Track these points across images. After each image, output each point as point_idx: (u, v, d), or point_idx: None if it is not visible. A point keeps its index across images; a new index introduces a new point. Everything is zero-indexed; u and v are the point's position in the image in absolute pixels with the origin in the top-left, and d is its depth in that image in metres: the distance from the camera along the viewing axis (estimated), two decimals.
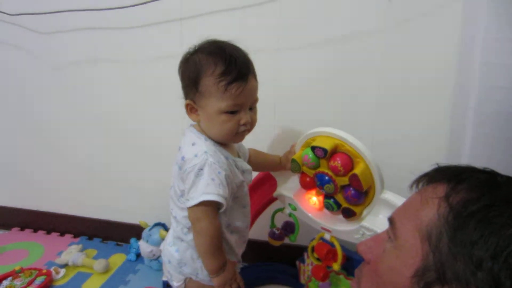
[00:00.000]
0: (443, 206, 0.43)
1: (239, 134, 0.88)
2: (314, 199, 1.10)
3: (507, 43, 0.99)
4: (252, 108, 0.88)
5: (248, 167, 0.96)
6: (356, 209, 0.99)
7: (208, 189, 0.81)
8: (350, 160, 0.94)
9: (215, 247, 0.86)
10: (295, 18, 1.22)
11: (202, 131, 0.90)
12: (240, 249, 1.00)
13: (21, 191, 1.76)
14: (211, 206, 0.84)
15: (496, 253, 0.38)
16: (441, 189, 0.45)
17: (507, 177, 0.46)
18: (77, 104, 1.56)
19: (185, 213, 0.89)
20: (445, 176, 0.47)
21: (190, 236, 0.91)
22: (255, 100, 0.89)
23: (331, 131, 0.96)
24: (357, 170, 0.91)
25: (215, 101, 0.83)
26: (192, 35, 1.29)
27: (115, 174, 1.61)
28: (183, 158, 0.86)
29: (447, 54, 1.13)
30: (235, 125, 0.85)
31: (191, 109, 0.88)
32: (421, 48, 1.15)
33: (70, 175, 1.67)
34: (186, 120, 1.41)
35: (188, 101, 0.87)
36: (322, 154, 0.95)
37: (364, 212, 0.99)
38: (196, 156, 0.84)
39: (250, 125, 0.88)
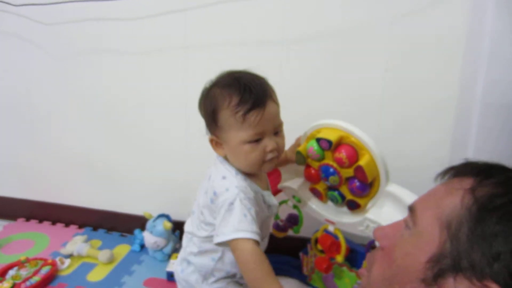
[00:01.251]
0: (468, 197, 0.44)
1: (267, 162, 0.85)
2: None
3: None
4: (278, 132, 0.85)
5: (275, 202, 0.95)
6: (360, 201, 0.99)
7: (241, 226, 0.78)
8: (355, 152, 0.94)
9: (264, 279, 0.78)
10: (301, 9, 1.22)
11: (233, 165, 0.87)
12: None
13: (26, 182, 1.77)
14: (247, 243, 0.79)
15: None
16: (467, 182, 0.46)
17: None
18: (82, 95, 1.56)
19: (203, 234, 0.89)
20: (473, 170, 0.47)
21: (197, 260, 0.91)
22: (279, 124, 0.86)
23: (336, 123, 0.96)
24: (362, 162, 0.91)
25: (235, 132, 0.81)
26: (196, 26, 1.32)
27: (120, 166, 1.61)
28: (215, 193, 0.84)
29: (453, 46, 1.12)
30: (261, 153, 0.83)
31: (216, 144, 0.87)
32: (427, 38, 1.14)
33: (75, 166, 1.67)
34: (190, 110, 1.42)
35: (211, 137, 0.87)
36: (327, 145, 0.95)
37: (369, 204, 0.99)
38: (227, 190, 0.82)
39: (277, 151, 0.85)
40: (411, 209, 0.50)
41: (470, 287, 0.40)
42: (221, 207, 0.81)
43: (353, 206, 1.02)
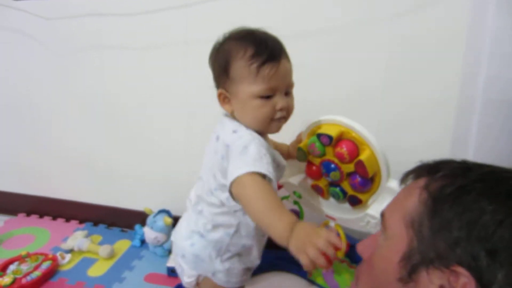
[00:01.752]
0: (423, 194, 0.47)
1: (275, 121, 0.82)
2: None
3: None
4: (288, 93, 0.83)
5: (284, 163, 0.91)
6: (362, 196, 0.99)
7: (257, 164, 0.73)
8: (355, 147, 0.94)
9: (273, 209, 0.70)
10: (301, 4, 1.21)
11: (241, 122, 0.84)
12: (261, 253, 0.97)
13: (27, 177, 1.78)
14: (260, 177, 0.72)
15: (469, 228, 0.41)
16: (422, 181, 0.49)
17: (478, 163, 0.49)
18: (83, 93, 1.56)
19: (215, 210, 0.85)
20: (425, 169, 0.50)
21: (212, 235, 0.87)
22: (291, 84, 0.83)
23: (337, 119, 0.96)
24: (362, 157, 0.91)
25: (248, 85, 0.78)
26: (196, 22, 1.32)
27: (121, 161, 1.61)
28: (227, 145, 0.79)
29: (454, 42, 1.12)
30: (271, 110, 0.80)
31: (224, 98, 0.83)
32: (428, 34, 1.14)
33: (76, 162, 1.67)
34: (192, 103, 1.42)
35: (220, 90, 0.83)
36: (328, 141, 0.95)
37: (370, 200, 0.99)
38: (241, 137, 0.79)
39: (286, 112, 0.82)
40: (382, 215, 0.53)
41: (442, 276, 0.42)
42: (234, 152, 0.76)
43: (355, 202, 1.01)
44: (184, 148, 1.49)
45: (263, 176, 0.73)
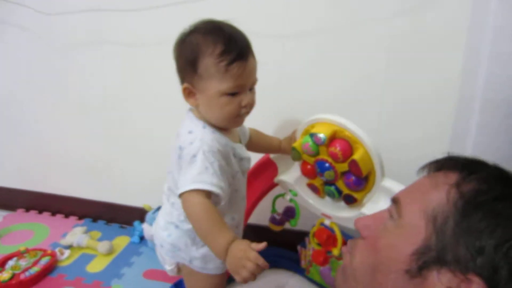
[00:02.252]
0: (453, 192, 0.45)
1: (239, 116, 0.84)
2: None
3: None
4: (252, 89, 0.85)
5: (247, 154, 0.93)
6: (357, 195, 0.99)
7: (201, 177, 0.77)
8: (349, 146, 0.94)
9: (211, 229, 0.77)
10: (301, 3, 1.21)
11: (201, 116, 0.86)
12: None
13: (26, 172, 1.78)
14: (203, 195, 0.78)
15: (499, 243, 0.40)
16: (452, 177, 0.47)
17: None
18: (81, 85, 1.56)
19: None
20: (457, 165, 0.48)
21: (186, 225, 0.88)
22: (255, 81, 0.85)
23: (329, 118, 0.96)
24: (356, 156, 0.91)
25: (216, 82, 0.79)
26: (196, 18, 1.31)
27: (120, 158, 1.62)
28: (180, 147, 0.82)
29: (455, 40, 1.12)
30: (237, 107, 0.82)
31: (189, 93, 0.84)
32: (429, 33, 1.14)
33: (75, 157, 1.68)
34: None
35: (186, 85, 0.82)
36: (321, 140, 0.95)
37: (365, 199, 0.99)
38: (191, 144, 0.80)
39: (250, 107, 0.84)
40: (396, 200, 0.51)
41: (453, 280, 0.42)
42: (184, 160, 0.80)
43: (350, 200, 1.02)
44: None
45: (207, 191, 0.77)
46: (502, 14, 0.98)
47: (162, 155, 1.53)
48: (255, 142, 1.04)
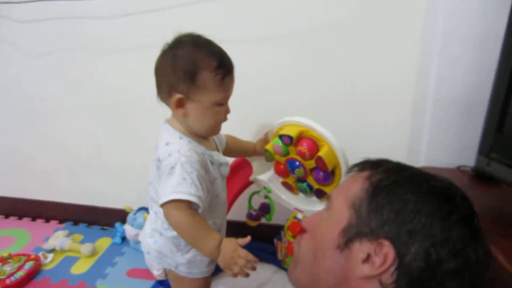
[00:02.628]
0: (366, 183, 0.59)
1: (220, 124, 0.92)
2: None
3: (466, 37, 1.07)
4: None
5: (225, 160, 0.97)
6: (326, 189, 1.08)
7: (179, 188, 0.81)
8: (314, 144, 1.03)
9: (197, 234, 0.84)
10: (270, 10, 1.27)
11: (179, 127, 0.89)
12: None
13: (4, 178, 1.79)
14: (183, 205, 0.82)
15: (396, 213, 0.53)
16: (366, 173, 0.61)
17: (408, 165, 0.62)
18: (61, 93, 1.58)
19: None
20: (369, 164, 0.62)
21: (170, 233, 0.92)
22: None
23: (295, 119, 1.05)
24: (321, 153, 1.01)
25: (211, 94, 0.85)
26: (175, 25, 1.35)
27: (99, 161, 1.65)
28: (159, 159, 0.86)
29: (411, 48, 1.22)
30: (223, 116, 0.89)
31: (179, 103, 0.86)
32: (386, 40, 1.23)
33: (54, 162, 1.70)
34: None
35: (179, 96, 0.85)
36: (289, 141, 1.04)
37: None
38: (169, 155, 0.84)
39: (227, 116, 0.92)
40: (328, 196, 0.66)
41: (370, 246, 0.54)
42: (164, 172, 0.84)
43: (320, 195, 1.11)
44: None
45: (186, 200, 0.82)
46: (451, 21, 1.08)
47: (141, 157, 1.57)
48: (232, 148, 1.09)
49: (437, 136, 1.18)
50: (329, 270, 0.59)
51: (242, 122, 1.14)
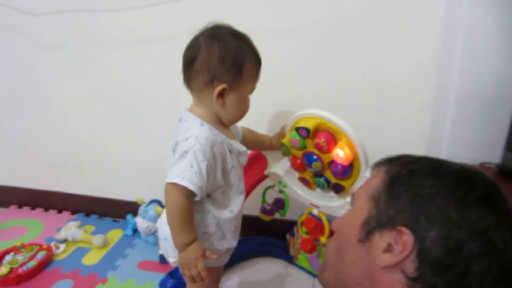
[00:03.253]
0: (384, 176, 0.59)
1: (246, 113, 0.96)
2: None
3: (490, 28, 1.04)
4: None
5: (244, 148, 0.98)
6: (344, 183, 1.05)
7: (185, 173, 0.83)
8: (332, 136, 1.00)
9: (179, 224, 0.86)
10: (280, 1, 1.25)
11: (201, 114, 0.90)
12: (237, 236, 1.02)
13: (18, 169, 1.80)
14: (183, 190, 0.84)
15: (413, 199, 0.53)
16: (385, 168, 0.61)
17: (431, 157, 0.61)
18: (72, 84, 1.58)
19: None
20: (389, 160, 0.62)
21: None
22: None
23: (312, 112, 1.03)
24: (339, 145, 0.98)
25: (250, 85, 0.91)
26: (182, 16, 1.35)
27: (112, 152, 1.64)
28: (177, 142, 0.88)
29: (430, 40, 1.17)
30: (249, 105, 0.95)
31: (220, 93, 0.88)
32: (404, 32, 1.19)
33: (67, 153, 1.70)
34: (180, 98, 1.45)
35: (224, 85, 0.87)
36: (306, 134, 1.02)
37: (351, 188, 1.05)
38: (186, 139, 0.86)
39: None
40: (352, 196, 0.65)
41: (390, 235, 0.54)
42: (177, 153, 0.86)
43: (339, 189, 1.07)
44: None
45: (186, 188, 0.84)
46: (475, 10, 1.04)
47: (154, 150, 1.57)
48: (248, 140, 1.08)
49: (459, 131, 1.14)
50: (353, 265, 0.58)
51: (255, 117, 1.11)
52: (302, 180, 1.15)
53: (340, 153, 0.99)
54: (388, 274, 0.53)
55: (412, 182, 0.55)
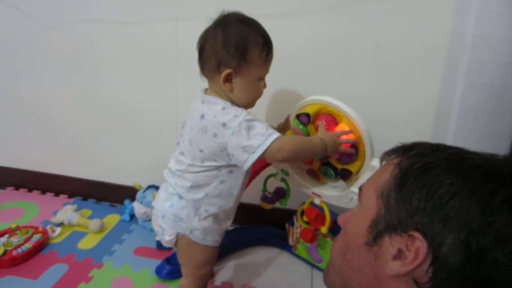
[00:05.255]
0: (396, 169, 0.52)
1: (258, 98, 0.97)
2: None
3: (500, 17, 1.00)
4: None
5: None
6: (351, 167, 1.02)
7: (269, 130, 0.88)
8: (333, 118, 0.99)
9: (308, 145, 0.93)
10: None
11: (223, 97, 0.93)
12: (232, 216, 1.05)
13: (16, 151, 1.77)
14: (281, 137, 0.89)
15: (427, 199, 0.47)
16: (397, 159, 0.54)
17: (449, 145, 0.54)
18: (69, 64, 1.55)
19: (197, 170, 0.93)
20: (401, 149, 0.55)
21: (191, 195, 0.95)
22: None
23: (311, 98, 1.02)
24: (340, 126, 0.96)
25: (258, 69, 0.92)
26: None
27: (111, 136, 1.62)
28: (224, 124, 0.88)
29: (440, 27, 1.15)
30: (262, 90, 0.96)
31: (227, 78, 0.90)
32: (414, 20, 1.17)
33: (66, 136, 1.68)
34: (180, 82, 1.42)
35: (230, 70, 0.89)
36: (306, 119, 1.01)
37: (354, 178, 1.02)
38: (237, 116, 0.88)
39: None
40: (360, 188, 0.59)
41: (401, 241, 0.48)
42: (238, 131, 0.87)
43: (346, 175, 1.03)
44: (174, 126, 1.50)
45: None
46: (481, 24, 1.01)
47: (152, 135, 1.56)
48: None
49: (465, 123, 1.11)
50: (359, 270, 0.53)
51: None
52: (310, 172, 1.12)
53: None
54: (399, 283, 0.48)
55: (428, 179, 0.48)
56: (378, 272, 0.50)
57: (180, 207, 0.97)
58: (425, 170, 0.49)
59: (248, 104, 0.95)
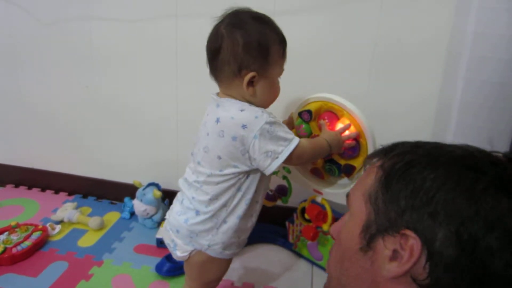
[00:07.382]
0: (379, 172, 0.52)
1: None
2: None
3: (501, 14, 1.00)
4: None
5: None
6: (354, 162, 1.02)
7: (289, 134, 0.87)
8: (334, 115, 0.99)
9: (321, 146, 0.94)
10: None
11: (240, 99, 0.88)
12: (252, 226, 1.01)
13: (16, 148, 1.77)
14: (300, 142, 0.88)
15: (413, 196, 0.47)
16: (379, 162, 0.54)
17: (428, 141, 0.54)
18: (69, 62, 1.54)
19: (217, 181, 0.88)
20: (383, 151, 0.55)
21: (210, 208, 0.90)
22: None
23: (312, 96, 1.02)
24: (342, 120, 0.96)
25: (278, 68, 0.89)
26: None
27: (110, 134, 1.62)
28: (244, 126, 0.83)
29: (440, 24, 1.15)
30: (279, 87, 0.93)
31: (250, 81, 0.85)
32: (414, 17, 1.17)
33: (66, 133, 1.67)
34: (180, 77, 1.42)
35: (254, 73, 0.85)
36: (308, 116, 1.01)
37: (357, 174, 1.02)
38: (257, 117, 0.84)
39: None
40: (347, 196, 0.59)
41: (394, 241, 0.48)
42: (261, 134, 0.84)
43: (350, 171, 1.04)
44: (175, 123, 1.50)
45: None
46: (481, 21, 1.01)
47: (153, 133, 1.55)
48: None
49: (465, 119, 1.11)
50: (357, 277, 0.52)
51: None
52: (314, 171, 1.12)
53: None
54: (398, 284, 0.48)
55: (411, 176, 0.48)
56: (376, 277, 0.50)
57: (196, 223, 0.91)
58: (408, 168, 0.49)
59: (266, 105, 0.91)
